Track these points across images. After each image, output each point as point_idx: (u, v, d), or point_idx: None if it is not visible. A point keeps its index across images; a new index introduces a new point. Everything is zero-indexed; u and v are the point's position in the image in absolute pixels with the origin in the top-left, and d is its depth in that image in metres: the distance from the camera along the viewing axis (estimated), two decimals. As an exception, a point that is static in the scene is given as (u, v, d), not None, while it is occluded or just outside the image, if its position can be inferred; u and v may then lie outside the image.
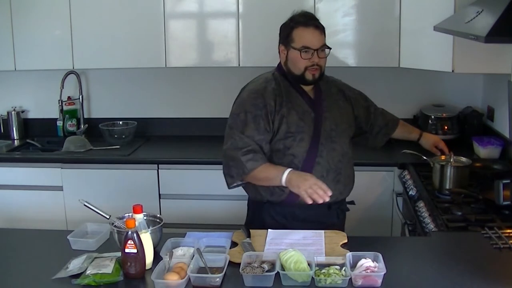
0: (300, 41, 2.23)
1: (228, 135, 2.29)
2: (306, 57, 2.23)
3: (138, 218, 1.88)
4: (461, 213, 2.31)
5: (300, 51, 2.23)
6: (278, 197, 2.31)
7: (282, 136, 2.26)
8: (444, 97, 3.64)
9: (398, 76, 3.64)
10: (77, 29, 3.47)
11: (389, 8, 3.26)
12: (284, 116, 2.26)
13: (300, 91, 2.32)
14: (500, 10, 1.90)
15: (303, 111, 2.29)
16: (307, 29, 2.24)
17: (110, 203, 2.35)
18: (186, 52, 3.48)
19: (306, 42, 2.23)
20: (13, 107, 3.94)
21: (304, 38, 2.23)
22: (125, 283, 1.78)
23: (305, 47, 2.22)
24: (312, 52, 2.23)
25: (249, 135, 2.23)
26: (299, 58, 2.24)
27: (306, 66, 2.24)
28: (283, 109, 2.27)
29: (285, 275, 1.73)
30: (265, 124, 2.24)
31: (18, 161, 3.47)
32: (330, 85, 2.44)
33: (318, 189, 2.07)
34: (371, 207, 3.21)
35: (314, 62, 2.24)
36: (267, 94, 2.27)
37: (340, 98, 2.43)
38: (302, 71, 2.26)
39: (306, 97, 2.32)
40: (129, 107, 3.91)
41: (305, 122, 2.28)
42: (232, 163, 2.25)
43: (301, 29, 2.24)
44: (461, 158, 2.67)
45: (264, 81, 2.34)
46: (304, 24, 2.24)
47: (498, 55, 2.83)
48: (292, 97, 2.30)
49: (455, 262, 1.85)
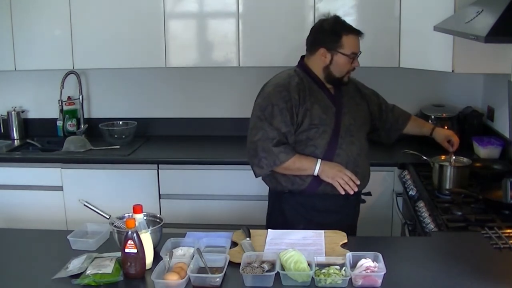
0: (351, 48, 2.39)
1: (257, 127, 2.38)
2: (349, 62, 2.40)
3: (138, 218, 1.88)
4: (461, 213, 2.31)
5: (350, 57, 2.39)
6: (299, 186, 2.42)
7: (305, 127, 2.38)
8: (444, 97, 3.64)
9: (398, 76, 3.63)
10: (77, 29, 3.47)
11: (389, 8, 3.26)
12: (308, 109, 2.37)
13: (322, 87, 2.44)
14: (500, 10, 1.90)
15: (325, 105, 2.41)
16: (356, 37, 2.40)
17: (110, 203, 2.35)
18: (186, 52, 3.48)
19: (355, 49, 2.40)
20: (13, 107, 3.94)
21: (354, 45, 2.40)
22: (125, 283, 1.78)
23: (354, 53, 2.40)
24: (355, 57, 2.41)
25: (277, 127, 2.35)
26: (347, 63, 2.40)
27: (348, 69, 2.42)
28: (307, 103, 2.38)
29: (285, 275, 1.73)
30: (290, 117, 2.36)
31: (18, 161, 3.47)
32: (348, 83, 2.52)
33: (349, 180, 2.31)
34: (371, 207, 3.21)
35: (355, 66, 2.43)
36: (291, 88, 2.39)
37: (356, 95, 2.57)
38: (344, 75, 2.42)
39: (327, 93, 2.45)
40: (129, 107, 3.91)
41: (328, 115, 2.40)
42: (263, 154, 2.36)
43: (352, 37, 2.39)
44: (461, 158, 2.67)
45: (287, 76, 2.45)
46: (354, 32, 2.40)
47: (498, 55, 2.83)
48: (315, 92, 2.42)
49: (455, 262, 1.85)
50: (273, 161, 2.34)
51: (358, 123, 2.49)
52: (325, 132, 2.38)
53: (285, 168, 2.37)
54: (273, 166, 2.36)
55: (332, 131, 2.39)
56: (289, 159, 2.34)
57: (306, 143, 2.39)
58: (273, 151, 2.34)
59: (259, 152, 2.36)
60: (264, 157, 2.35)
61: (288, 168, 2.37)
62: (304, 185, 2.41)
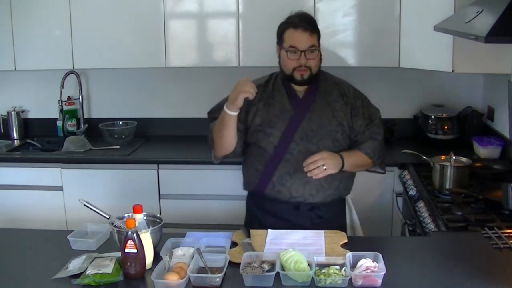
0: (288, 41, 2.28)
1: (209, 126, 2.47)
2: (293, 57, 2.28)
3: (138, 218, 1.88)
4: (461, 213, 2.31)
5: (287, 51, 2.28)
6: (251, 185, 2.43)
7: (254, 129, 2.36)
8: (444, 97, 3.64)
9: (398, 76, 3.64)
10: (77, 29, 3.47)
11: (389, 8, 3.26)
12: (259, 110, 2.35)
13: (289, 90, 2.37)
14: (500, 10, 1.90)
15: (283, 109, 2.35)
16: (296, 31, 2.27)
17: (110, 203, 2.35)
18: (186, 52, 3.48)
19: (293, 43, 2.27)
20: (13, 107, 3.94)
21: (292, 38, 2.27)
22: (125, 283, 1.78)
23: (292, 47, 2.27)
24: (300, 53, 2.26)
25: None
26: (287, 59, 2.30)
27: (294, 67, 2.29)
28: (260, 103, 2.36)
29: (285, 275, 1.73)
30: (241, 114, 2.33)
31: (18, 161, 3.47)
32: (332, 87, 2.42)
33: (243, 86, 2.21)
34: (371, 207, 3.21)
35: (301, 63, 2.27)
36: None
37: (338, 101, 2.39)
38: (290, 71, 2.31)
39: (292, 97, 2.37)
40: (129, 107, 3.91)
41: (280, 119, 2.34)
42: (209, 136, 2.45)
43: (291, 30, 2.28)
44: (461, 158, 2.67)
45: (260, 78, 2.46)
46: (294, 25, 2.28)
47: (498, 55, 2.84)
48: (277, 95, 2.37)
49: (455, 262, 1.85)
50: (210, 136, 2.41)
51: (325, 129, 2.33)
52: (272, 135, 2.33)
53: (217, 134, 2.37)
54: (211, 135, 2.40)
55: (281, 134, 2.32)
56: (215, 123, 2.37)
57: (257, 145, 2.37)
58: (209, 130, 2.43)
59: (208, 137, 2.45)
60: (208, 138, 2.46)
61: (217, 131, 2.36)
62: (254, 185, 2.41)
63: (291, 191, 2.33)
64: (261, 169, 2.36)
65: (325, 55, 3.31)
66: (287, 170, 2.32)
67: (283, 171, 2.32)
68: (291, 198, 2.33)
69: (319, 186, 2.33)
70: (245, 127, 2.39)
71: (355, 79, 3.41)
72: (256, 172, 2.38)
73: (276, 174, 2.33)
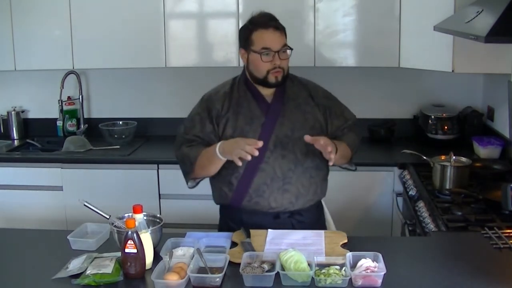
0: (260, 43, 2.16)
1: (178, 140, 2.32)
2: (267, 59, 2.16)
3: (138, 218, 1.88)
4: (461, 213, 2.31)
5: (260, 54, 2.15)
6: (225, 200, 2.30)
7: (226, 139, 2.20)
8: (444, 97, 3.64)
9: (398, 76, 3.63)
10: (77, 29, 3.47)
11: (389, 8, 3.26)
12: (229, 120, 2.23)
13: (256, 95, 2.25)
14: (500, 10, 1.90)
15: (252, 116, 2.23)
16: (267, 31, 2.16)
17: (110, 203, 2.35)
18: (186, 52, 3.48)
19: (265, 44, 2.15)
20: (13, 107, 3.94)
21: (264, 40, 2.15)
22: (125, 283, 1.78)
23: (265, 48, 2.15)
24: (273, 54, 2.15)
25: (193, 134, 2.26)
26: (260, 61, 2.16)
27: (268, 69, 2.16)
28: (229, 113, 2.24)
29: (285, 275, 1.73)
30: (211, 127, 2.24)
31: (18, 161, 3.47)
32: (299, 88, 2.31)
33: (245, 146, 2.01)
34: (371, 207, 3.22)
35: (275, 64, 2.16)
36: (216, 98, 2.28)
37: (308, 102, 2.28)
38: (264, 75, 2.18)
39: (261, 102, 2.25)
40: (129, 107, 3.91)
41: (251, 127, 2.21)
42: (181, 160, 2.29)
43: (260, 31, 2.17)
44: (461, 158, 2.67)
45: (222, 85, 2.35)
46: (263, 26, 2.17)
47: (498, 55, 2.84)
48: (244, 101, 2.25)
49: (455, 262, 1.85)
50: (189, 161, 2.24)
51: (298, 134, 2.19)
52: None
53: (201, 167, 2.23)
54: (190, 168, 2.25)
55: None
56: (199, 155, 2.21)
57: None
58: (185, 152, 2.24)
59: (181, 160, 2.29)
60: (183, 163, 2.28)
61: (202, 165, 2.22)
62: (228, 199, 2.28)
63: (269, 202, 2.21)
64: (235, 182, 2.23)
65: (326, 55, 3.35)
66: (264, 180, 2.19)
67: (260, 182, 2.19)
68: (270, 209, 2.22)
69: (297, 194, 2.23)
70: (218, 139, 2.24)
71: (355, 79, 3.43)
72: (230, 186, 2.25)
73: (252, 186, 2.21)
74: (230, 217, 2.32)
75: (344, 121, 2.34)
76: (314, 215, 2.33)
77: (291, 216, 2.26)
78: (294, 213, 2.26)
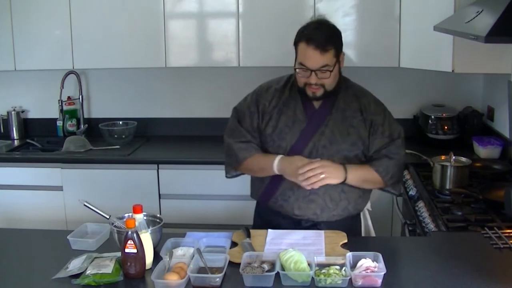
0: (300, 57, 2.12)
1: (230, 126, 2.32)
2: (303, 75, 2.12)
3: (138, 218, 1.88)
4: (461, 213, 2.31)
5: (298, 67, 2.13)
6: (256, 195, 2.35)
7: (264, 138, 2.24)
8: (444, 97, 3.64)
9: (398, 76, 3.64)
10: (77, 29, 3.47)
11: (389, 8, 3.26)
12: (272, 118, 2.22)
13: (304, 98, 2.20)
14: (500, 10, 1.90)
15: (295, 119, 2.20)
16: (308, 47, 2.08)
17: (110, 203, 2.35)
18: (186, 52, 3.48)
19: (303, 60, 2.10)
20: (13, 107, 3.94)
21: (302, 55, 2.10)
22: (125, 283, 1.78)
23: (302, 65, 2.11)
24: (310, 72, 2.09)
25: (245, 127, 2.26)
26: (297, 73, 2.15)
27: (305, 82, 2.13)
28: (274, 111, 2.22)
29: (285, 275, 1.73)
30: (258, 121, 2.25)
31: (18, 161, 3.47)
32: (352, 99, 2.22)
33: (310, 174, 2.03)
34: (371, 207, 3.21)
35: (311, 82, 2.11)
36: (268, 93, 2.26)
37: (356, 116, 2.20)
38: (302, 86, 2.15)
39: (308, 106, 2.20)
40: (129, 107, 3.91)
41: (291, 130, 2.19)
42: (227, 151, 2.30)
43: (303, 45, 2.10)
44: (461, 158, 2.67)
45: (276, 80, 2.31)
46: (306, 40, 2.08)
47: (498, 55, 2.83)
48: (292, 102, 2.22)
49: (455, 262, 1.85)
50: (235, 158, 2.24)
51: (337, 147, 2.15)
52: (281, 148, 2.19)
53: (249, 169, 2.26)
54: (236, 164, 2.26)
55: (290, 148, 2.17)
56: (249, 157, 2.21)
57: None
58: (234, 148, 2.23)
59: (226, 149, 2.30)
60: (228, 154, 2.29)
61: (251, 168, 2.24)
62: (258, 195, 2.31)
63: (293, 208, 2.19)
64: (266, 180, 2.25)
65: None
66: (290, 186, 2.17)
67: (286, 187, 2.18)
68: (293, 215, 2.21)
69: (324, 206, 2.18)
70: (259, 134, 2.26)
71: (355, 79, 3.41)
72: (261, 183, 2.28)
73: (280, 188, 2.21)
74: (260, 213, 2.37)
75: (388, 139, 2.20)
76: (340, 229, 2.14)
77: (313, 225, 2.22)
78: (317, 223, 2.22)
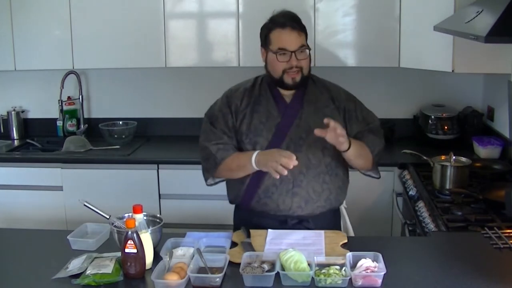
0: (276, 43, 2.16)
1: (203, 129, 2.31)
2: (283, 59, 2.15)
3: (138, 218, 1.88)
4: (461, 213, 2.31)
5: (276, 53, 2.16)
6: (236, 199, 2.31)
7: (240, 137, 2.24)
8: (444, 97, 3.64)
9: (398, 76, 3.64)
10: (77, 29, 3.48)
11: (389, 8, 3.26)
12: (246, 116, 2.23)
13: (275, 94, 2.25)
14: (500, 10, 1.90)
15: (269, 115, 2.22)
16: (284, 31, 2.15)
17: (110, 203, 2.35)
18: (186, 52, 3.48)
19: (282, 44, 2.15)
20: (13, 107, 3.94)
21: (280, 40, 2.15)
22: (125, 283, 1.78)
23: (281, 49, 2.15)
24: (290, 54, 2.14)
25: (220, 129, 2.25)
26: (276, 61, 2.17)
27: (284, 69, 2.16)
28: (247, 110, 2.24)
29: (285, 275, 1.73)
30: (232, 122, 2.25)
31: (18, 161, 3.47)
32: (321, 91, 2.28)
33: (281, 158, 1.99)
34: (371, 207, 3.22)
35: (292, 64, 2.15)
36: (237, 94, 2.28)
37: (329, 105, 2.25)
38: (280, 75, 2.18)
39: (279, 102, 2.24)
40: (129, 107, 3.91)
41: (266, 126, 2.21)
42: (205, 155, 2.26)
43: (278, 31, 2.17)
44: (461, 158, 2.67)
45: (245, 82, 2.35)
46: (280, 26, 2.16)
47: (498, 55, 2.83)
48: (263, 99, 2.25)
49: (455, 262, 1.85)
50: (214, 160, 2.22)
51: (313, 136, 2.10)
52: (257, 144, 2.19)
53: (227, 169, 2.22)
54: (215, 166, 2.22)
55: (268, 143, 2.18)
56: (227, 156, 2.20)
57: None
58: (211, 150, 2.21)
59: (202, 154, 2.27)
60: (206, 159, 2.25)
61: (229, 167, 2.21)
62: (239, 198, 2.28)
63: (278, 204, 2.18)
64: (246, 180, 2.22)
65: (325, 55, 3.35)
66: (273, 182, 2.16)
67: (269, 183, 2.17)
68: (278, 211, 2.19)
69: (307, 198, 2.19)
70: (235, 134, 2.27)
71: (355, 79, 3.43)
72: (241, 185, 2.24)
73: (261, 186, 2.19)
74: (242, 218, 2.30)
75: (365, 125, 2.28)
76: (325, 223, 2.23)
77: (299, 223, 2.22)
78: (302, 219, 2.23)
